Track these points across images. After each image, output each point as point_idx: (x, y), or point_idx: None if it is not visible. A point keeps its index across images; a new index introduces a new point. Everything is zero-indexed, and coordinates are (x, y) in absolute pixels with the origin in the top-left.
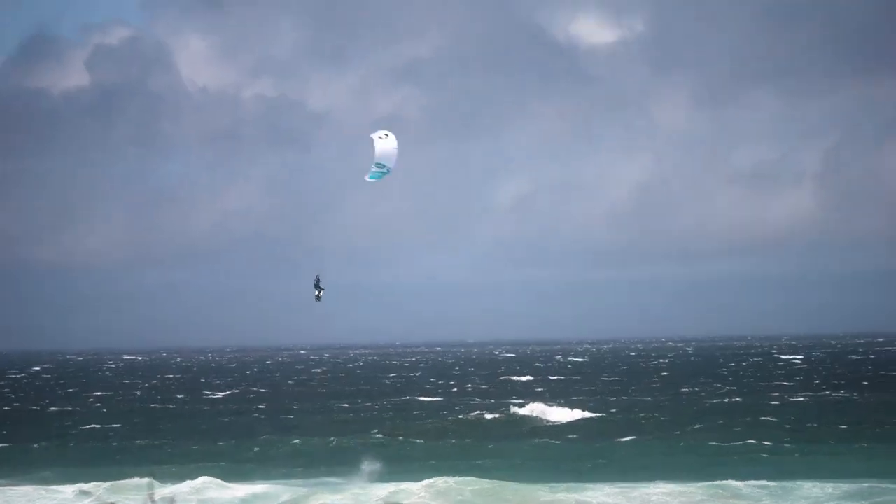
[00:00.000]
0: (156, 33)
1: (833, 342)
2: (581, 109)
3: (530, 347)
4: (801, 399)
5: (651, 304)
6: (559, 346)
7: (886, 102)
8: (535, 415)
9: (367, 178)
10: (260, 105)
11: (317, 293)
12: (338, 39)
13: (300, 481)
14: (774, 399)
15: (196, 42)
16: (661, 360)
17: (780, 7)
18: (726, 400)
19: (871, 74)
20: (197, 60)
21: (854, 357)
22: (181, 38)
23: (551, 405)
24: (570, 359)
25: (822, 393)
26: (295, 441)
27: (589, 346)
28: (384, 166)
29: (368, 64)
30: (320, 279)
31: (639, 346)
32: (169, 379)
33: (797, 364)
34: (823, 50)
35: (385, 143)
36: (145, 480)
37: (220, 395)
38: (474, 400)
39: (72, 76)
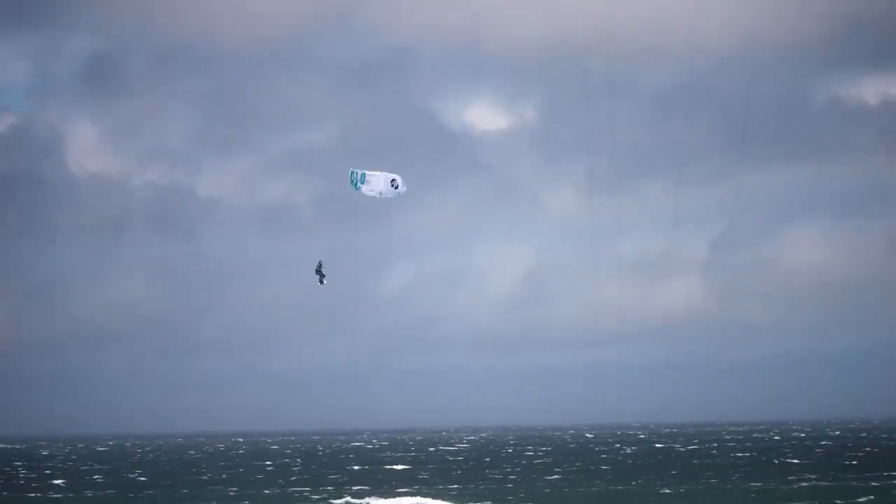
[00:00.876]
0: (44, 120)
1: (713, 429)
2: (472, 197)
3: (408, 435)
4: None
5: (535, 391)
6: (445, 434)
7: (773, 192)
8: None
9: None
10: (150, 192)
11: (320, 278)
12: (229, 125)
13: None
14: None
15: (86, 129)
16: (541, 449)
17: (671, 99)
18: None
19: (759, 164)
20: (86, 147)
21: (715, 446)
22: (70, 125)
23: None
24: (447, 448)
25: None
26: None
27: (472, 437)
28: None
29: (259, 150)
30: (322, 264)
31: (512, 436)
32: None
33: (677, 450)
34: (712, 140)
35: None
36: None
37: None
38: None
39: None
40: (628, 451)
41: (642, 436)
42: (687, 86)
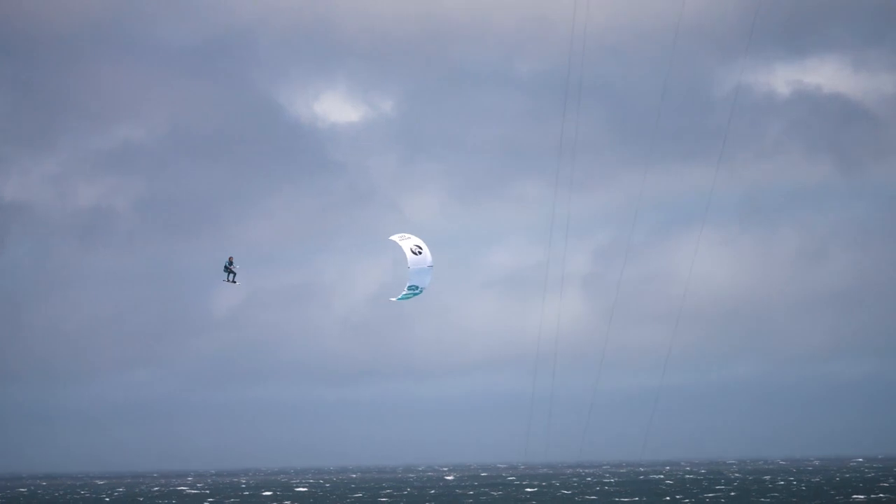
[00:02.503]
0: None
1: (570, 472)
2: (320, 201)
3: (241, 478)
4: None
5: (387, 427)
6: (283, 477)
7: (662, 199)
8: None
9: (393, 300)
10: None
11: (229, 276)
12: (37, 119)
13: None
14: None
15: None
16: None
17: (551, 88)
18: None
19: (654, 163)
20: None
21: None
22: None
23: None
24: (286, 493)
25: None
26: None
27: (312, 480)
28: (417, 287)
29: (72, 148)
30: (233, 261)
31: (357, 480)
32: None
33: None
34: (599, 136)
35: (419, 258)
36: None
37: None
38: None
39: None
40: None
41: (511, 478)
42: (570, 74)
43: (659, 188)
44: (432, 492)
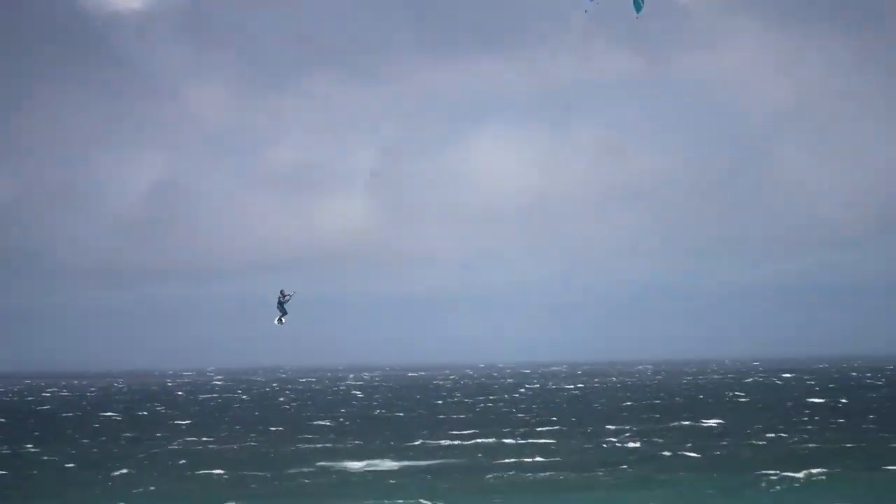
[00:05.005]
0: None
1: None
2: (97, 95)
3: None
4: None
5: (162, 331)
6: (44, 383)
7: (458, 89)
8: None
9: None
10: None
11: (280, 316)
12: None
13: None
14: None
15: None
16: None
17: None
18: None
19: (442, 57)
20: None
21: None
22: None
23: None
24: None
25: None
26: None
27: (76, 382)
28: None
29: None
30: (285, 295)
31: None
32: None
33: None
34: (386, 29)
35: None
36: None
37: None
38: None
39: None
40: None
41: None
42: None
43: (453, 83)
44: (202, 397)
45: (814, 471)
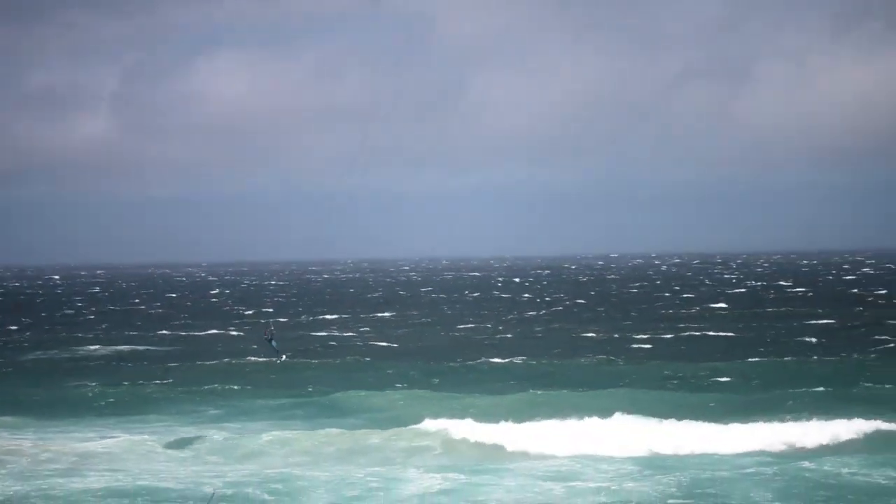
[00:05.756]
0: None
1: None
2: None
3: None
4: None
5: None
6: None
7: (184, 24)
8: None
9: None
10: None
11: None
12: None
13: None
14: None
15: None
16: None
17: None
18: None
19: None
20: None
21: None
22: None
23: None
24: None
25: None
26: None
27: None
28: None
29: None
30: (272, 333)
31: None
32: None
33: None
34: None
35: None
36: None
37: None
38: None
39: None
40: None
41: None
42: None
43: (182, 14)
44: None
45: None
